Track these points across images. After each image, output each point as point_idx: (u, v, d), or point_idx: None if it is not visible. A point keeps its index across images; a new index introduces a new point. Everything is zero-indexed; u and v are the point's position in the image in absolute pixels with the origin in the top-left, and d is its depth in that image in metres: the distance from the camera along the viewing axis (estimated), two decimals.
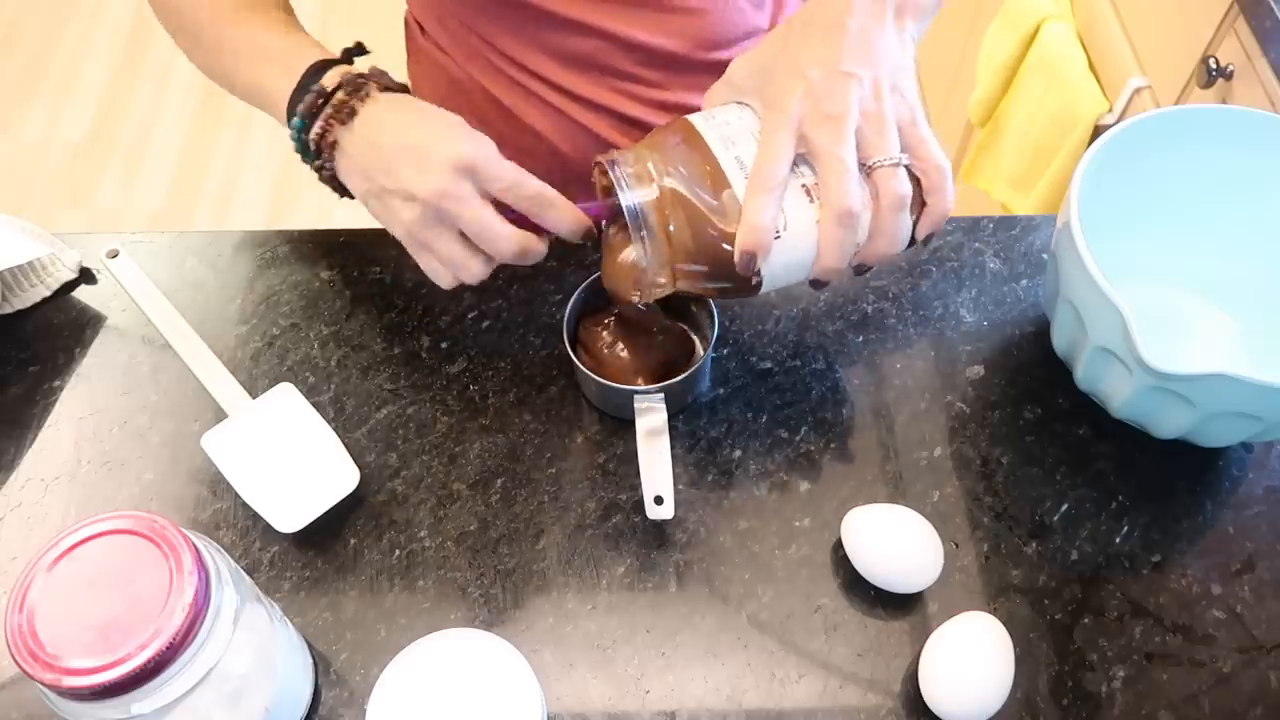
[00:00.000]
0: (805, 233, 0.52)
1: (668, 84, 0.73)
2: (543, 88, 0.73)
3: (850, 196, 0.50)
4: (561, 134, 0.75)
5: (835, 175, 0.51)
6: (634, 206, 0.53)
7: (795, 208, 0.52)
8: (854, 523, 0.58)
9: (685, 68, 0.72)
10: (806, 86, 0.51)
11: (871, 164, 0.51)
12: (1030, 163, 1.29)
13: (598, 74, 0.72)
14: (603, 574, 0.59)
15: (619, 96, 0.73)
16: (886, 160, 0.51)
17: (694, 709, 0.55)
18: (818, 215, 0.52)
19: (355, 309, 0.70)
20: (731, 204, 0.52)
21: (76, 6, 2.34)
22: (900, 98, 0.52)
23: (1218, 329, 0.68)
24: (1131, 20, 1.17)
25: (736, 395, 0.66)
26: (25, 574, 0.44)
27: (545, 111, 0.74)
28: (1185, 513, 0.61)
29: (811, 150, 0.51)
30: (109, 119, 2.15)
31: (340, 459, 0.62)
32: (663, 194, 0.53)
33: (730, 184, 0.52)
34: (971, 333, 0.69)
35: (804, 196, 0.52)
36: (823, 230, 0.52)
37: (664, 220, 0.53)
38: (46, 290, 0.70)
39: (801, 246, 0.53)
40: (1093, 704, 0.55)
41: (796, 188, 0.52)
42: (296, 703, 0.53)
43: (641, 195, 0.53)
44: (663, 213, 0.53)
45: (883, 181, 0.51)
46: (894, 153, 0.51)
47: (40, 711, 0.55)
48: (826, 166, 0.51)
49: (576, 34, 0.70)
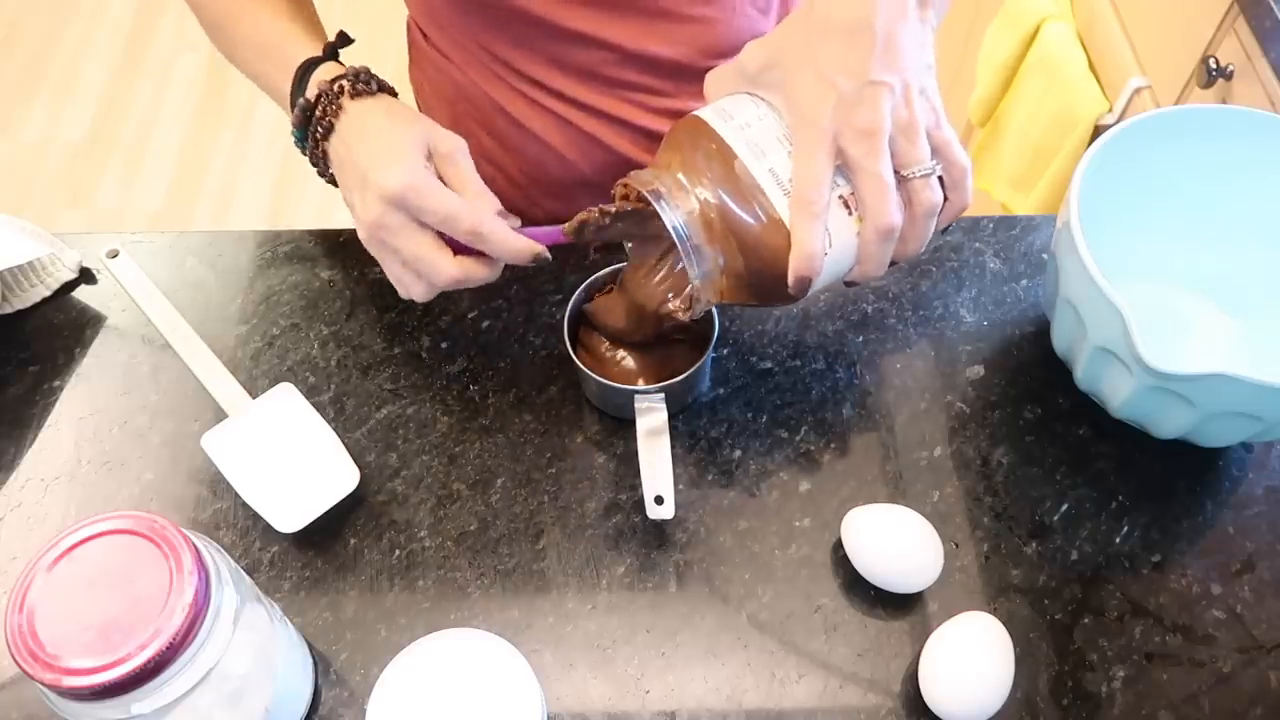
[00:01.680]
0: (845, 244, 0.53)
1: (674, 92, 0.73)
2: (547, 97, 0.73)
3: (893, 215, 0.51)
4: (568, 141, 0.75)
5: (876, 194, 0.51)
6: (680, 230, 0.53)
7: (836, 221, 0.52)
8: (854, 523, 0.58)
9: (692, 76, 0.72)
10: (837, 97, 0.51)
11: (907, 174, 0.52)
12: (1030, 163, 1.29)
13: (603, 84, 0.72)
14: (603, 574, 0.59)
15: (625, 105, 0.73)
16: (920, 171, 0.51)
17: (694, 709, 0.55)
18: (857, 226, 0.53)
19: (355, 309, 0.70)
20: (772, 219, 0.52)
21: (76, 6, 2.34)
22: (926, 101, 0.52)
23: (1218, 329, 0.68)
24: (1131, 20, 1.17)
25: (736, 395, 0.66)
26: (25, 574, 0.44)
27: (551, 119, 0.74)
28: (1185, 513, 0.61)
29: (849, 164, 0.51)
30: (109, 119, 2.15)
31: (340, 459, 0.62)
32: (707, 216, 0.53)
33: (768, 197, 0.52)
34: (971, 333, 0.69)
35: (843, 210, 0.53)
36: (864, 243, 0.53)
37: (713, 239, 0.53)
38: (46, 290, 0.70)
39: (842, 258, 0.54)
40: (1093, 704, 0.55)
41: (835, 200, 0.52)
42: (296, 703, 0.53)
43: (686, 219, 0.53)
44: (711, 233, 0.53)
45: (917, 192, 0.52)
46: (927, 163, 0.52)
47: (40, 711, 0.55)
48: (866, 185, 0.51)
49: (581, 45, 0.69)
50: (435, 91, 0.79)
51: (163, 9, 2.33)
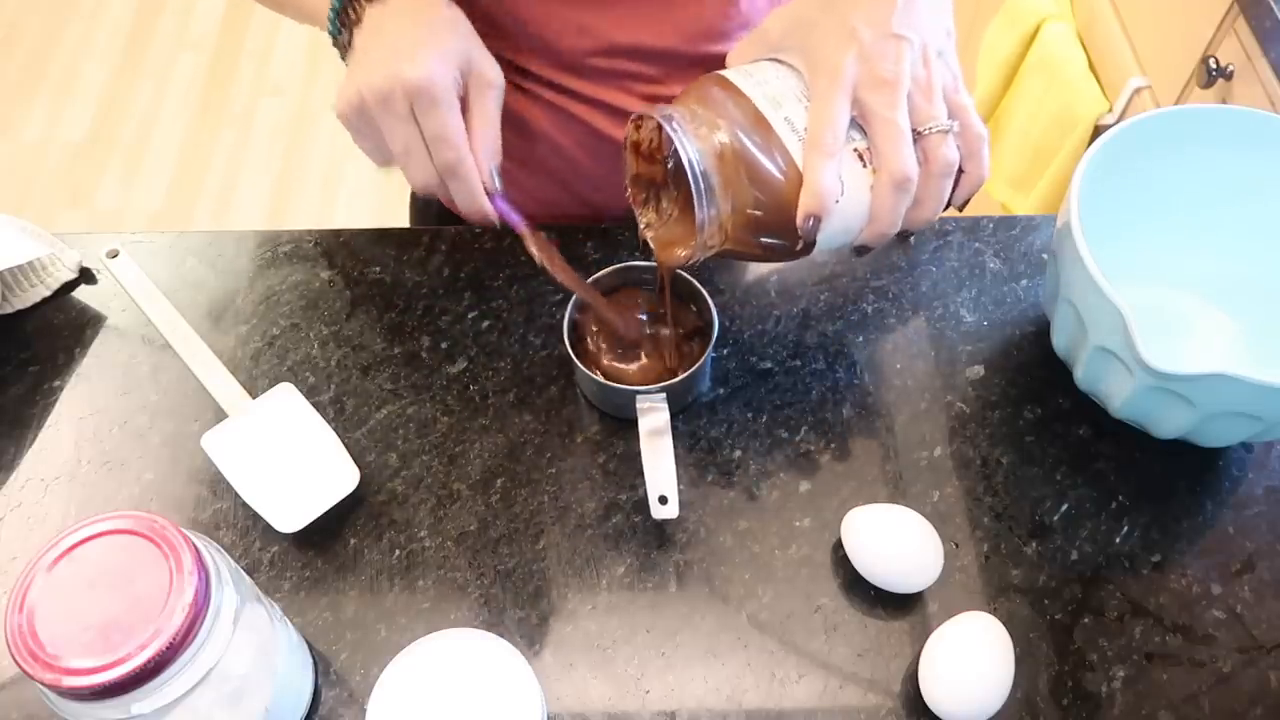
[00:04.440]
0: (858, 198, 0.52)
1: (665, 79, 0.73)
2: (538, 85, 0.73)
3: (907, 163, 0.51)
4: (559, 128, 0.75)
5: (892, 142, 0.51)
6: (695, 160, 0.52)
7: (850, 173, 0.52)
8: (854, 523, 0.58)
9: (683, 63, 0.72)
10: (859, 48, 0.51)
11: (923, 130, 0.51)
12: (1030, 163, 1.29)
13: (594, 73, 0.72)
14: (603, 574, 0.59)
15: (617, 92, 0.73)
16: (937, 127, 0.51)
17: (694, 709, 0.55)
18: (871, 180, 0.52)
19: (355, 309, 0.70)
20: (788, 162, 0.52)
21: (76, 6, 2.34)
22: (944, 63, 0.52)
23: (1218, 329, 0.68)
24: (1131, 20, 1.17)
25: (736, 395, 0.66)
26: (25, 574, 0.44)
27: (542, 107, 0.74)
28: (1185, 513, 0.61)
29: (865, 114, 0.51)
30: (109, 119, 2.15)
31: (340, 459, 0.62)
32: (722, 149, 0.52)
33: (784, 143, 0.52)
34: (971, 333, 0.69)
35: (857, 161, 0.52)
36: (877, 195, 0.52)
37: (725, 175, 0.52)
38: (46, 290, 0.70)
39: (853, 212, 0.53)
40: (1093, 704, 0.55)
41: (849, 152, 0.52)
42: (296, 703, 0.53)
43: (701, 149, 0.52)
44: (724, 168, 0.52)
45: (933, 148, 0.52)
46: (944, 120, 0.52)
47: (40, 711, 0.55)
48: (882, 133, 0.51)
49: (569, 38, 0.69)
50: None
51: (163, 9, 2.33)
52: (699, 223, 0.53)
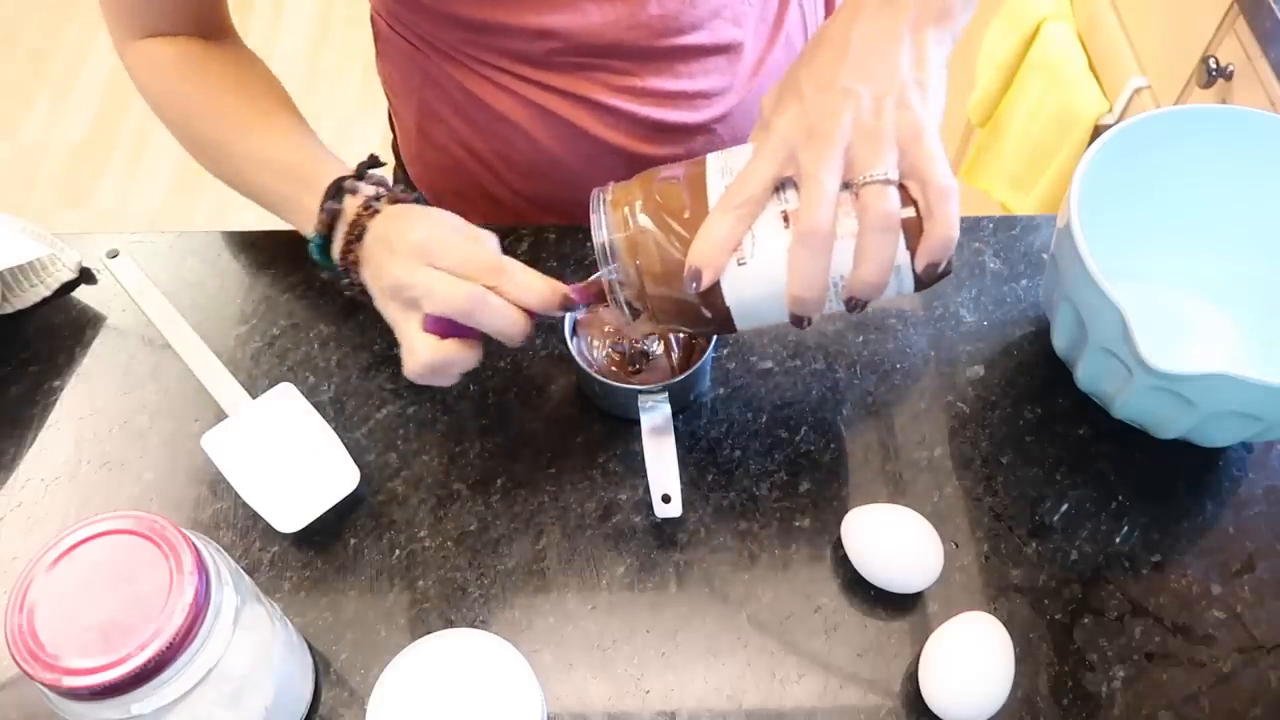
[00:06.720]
0: (776, 261, 0.49)
1: (638, 71, 0.72)
2: (513, 80, 0.72)
3: (817, 216, 0.47)
4: (536, 122, 0.74)
5: (808, 197, 0.48)
6: (602, 222, 0.52)
7: (769, 234, 0.49)
8: (854, 523, 0.58)
9: (654, 56, 0.71)
10: (799, 105, 0.49)
11: (859, 181, 0.48)
12: (1030, 163, 1.29)
13: (566, 68, 0.71)
14: (603, 574, 0.59)
15: (590, 85, 0.72)
16: (872, 177, 0.48)
17: (694, 709, 0.55)
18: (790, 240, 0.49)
19: (355, 309, 0.70)
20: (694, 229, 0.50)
21: (76, 6, 2.35)
22: (905, 112, 0.49)
23: (1218, 329, 0.68)
24: (1131, 20, 1.17)
25: (736, 395, 0.66)
26: (25, 574, 0.44)
27: (519, 102, 0.73)
28: (1185, 513, 0.61)
29: (798, 172, 0.49)
30: (109, 119, 2.15)
31: (340, 459, 0.62)
32: (630, 215, 0.51)
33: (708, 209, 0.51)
34: (971, 333, 0.69)
35: (780, 223, 0.49)
36: (790, 252, 0.49)
37: (632, 240, 0.51)
38: (46, 290, 0.70)
39: (775, 277, 0.49)
40: (1093, 704, 0.55)
41: (775, 214, 0.50)
42: (296, 703, 0.53)
43: (613, 217, 0.52)
44: (634, 234, 0.51)
45: (870, 200, 0.48)
46: (886, 170, 0.48)
47: (40, 711, 0.55)
48: (804, 188, 0.48)
49: (538, 39, 0.69)
50: (403, 79, 0.79)
51: None
52: (606, 285, 0.53)
